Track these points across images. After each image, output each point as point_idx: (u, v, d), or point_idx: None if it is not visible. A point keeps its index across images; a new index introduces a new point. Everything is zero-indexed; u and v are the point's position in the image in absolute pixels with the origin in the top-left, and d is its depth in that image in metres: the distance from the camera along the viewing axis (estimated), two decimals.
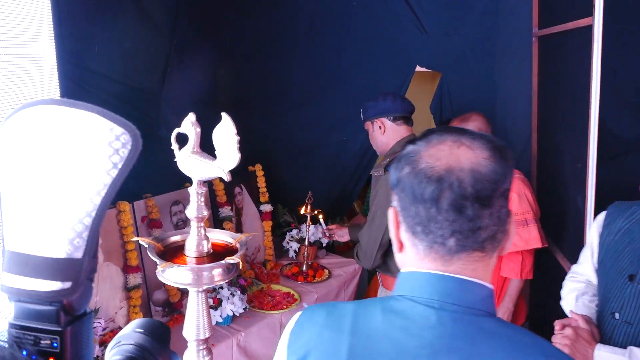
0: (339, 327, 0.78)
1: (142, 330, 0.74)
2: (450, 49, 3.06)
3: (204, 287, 1.29)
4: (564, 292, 1.73)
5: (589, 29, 2.11)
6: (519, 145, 2.99)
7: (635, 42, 2.82)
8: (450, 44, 3.05)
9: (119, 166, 0.57)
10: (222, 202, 2.64)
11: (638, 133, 3.25)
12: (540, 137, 2.92)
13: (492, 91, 3.06)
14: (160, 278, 1.26)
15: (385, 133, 2.30)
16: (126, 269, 2.13)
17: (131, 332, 0.74)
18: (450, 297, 0.75)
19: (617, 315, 1.46)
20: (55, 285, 0.57)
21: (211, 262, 1.26)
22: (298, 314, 0.85)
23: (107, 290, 2.07)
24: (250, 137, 3.09)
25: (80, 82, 2.31)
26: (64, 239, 0.57)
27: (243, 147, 1.49)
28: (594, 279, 1.64)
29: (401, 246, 0.82)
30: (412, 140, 0.83)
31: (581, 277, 1.70)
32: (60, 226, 0.57)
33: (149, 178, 2.40)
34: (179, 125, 1.44)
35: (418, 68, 3.17)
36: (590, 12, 2.07)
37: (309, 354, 0.78)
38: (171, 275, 1.24)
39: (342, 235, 2.77)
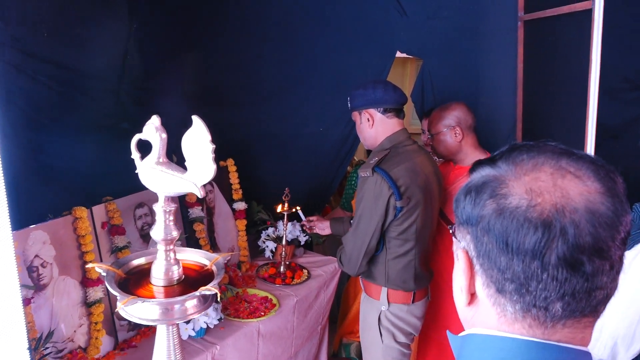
0: None
1: None
2: (432, 34, 2.89)
3: (176, 322, 1.09)
4: None
5: (586, 13, 1.99)
6: (503, 134, 2.89)
7: (623, 30, 2.73)
8: (432, 28, 2.89)
9: None
10: (191, 202, 2.42)
11: (619, 121, 3.19)
12: (525, 126, 2.81)
13: (476, 78, 2.92)
14: (122, 313, 1.05)
15: (373, 126, 2.07)
16: (85, 283, 1.90)
17: None
18: None
19: None
20: None
21: (183, 293, 1.06)
22: None
23: (64, 307, 1.84)
24: (221, 130, 2.84)
25: (27, 70, 2.14)
26: None
27: (214, 141, 1.29)
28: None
29: (472, 300, 0.63)
30: (488, 160, 0.63)
31: None
32: None
33: (108, 178, 2.18)
34: (143, 119, 1.22)
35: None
36: None
37: None
38: (135, 311, 1.04)
39: (323, 228, 2.60)
